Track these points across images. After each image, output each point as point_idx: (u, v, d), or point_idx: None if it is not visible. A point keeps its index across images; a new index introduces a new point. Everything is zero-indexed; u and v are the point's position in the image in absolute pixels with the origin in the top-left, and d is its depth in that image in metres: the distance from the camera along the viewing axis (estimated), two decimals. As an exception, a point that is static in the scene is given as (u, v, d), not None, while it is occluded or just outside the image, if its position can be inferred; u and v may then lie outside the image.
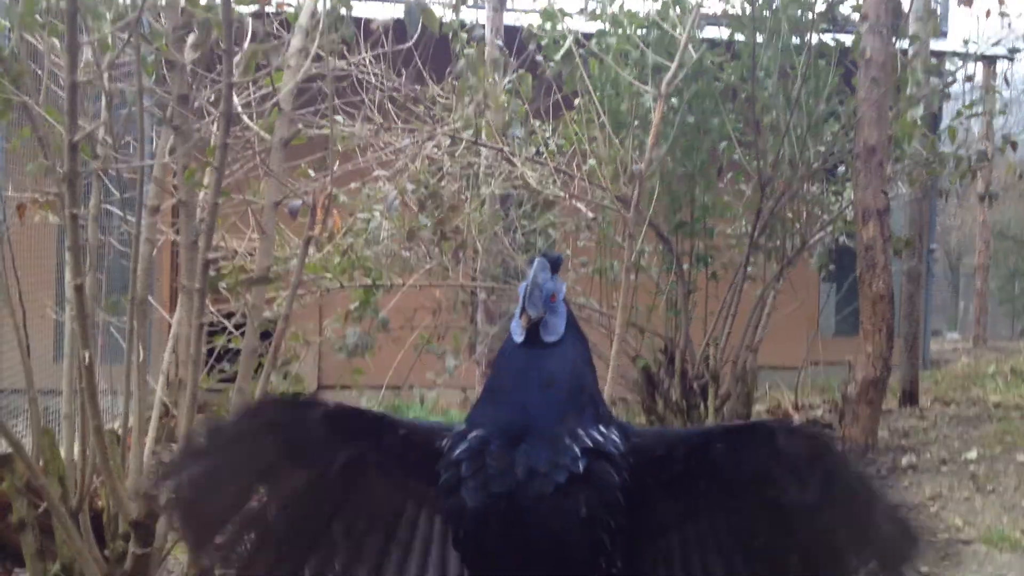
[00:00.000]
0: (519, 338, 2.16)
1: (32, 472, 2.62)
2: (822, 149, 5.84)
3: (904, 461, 5.52)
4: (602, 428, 2.10)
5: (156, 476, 2.73)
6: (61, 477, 2.85)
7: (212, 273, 3.05)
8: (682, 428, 5.46)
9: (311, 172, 3.88)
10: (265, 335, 3.26)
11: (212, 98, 3.26)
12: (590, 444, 2.05)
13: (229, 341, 4.92)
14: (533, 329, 2.15)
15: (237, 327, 4.69)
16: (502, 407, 2.13)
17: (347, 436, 2.25)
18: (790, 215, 6.20)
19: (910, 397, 8.34)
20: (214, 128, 3.03)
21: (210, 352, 5.04)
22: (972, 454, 5.65)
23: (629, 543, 2.14)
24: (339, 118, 4.41)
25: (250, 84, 3.53)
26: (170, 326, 3.54)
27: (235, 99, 3.11)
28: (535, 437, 2.06)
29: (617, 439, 2.10)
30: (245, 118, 3.27)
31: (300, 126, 3.27)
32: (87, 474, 2.85)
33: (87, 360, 2.44)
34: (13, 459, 2.76)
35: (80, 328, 2.48)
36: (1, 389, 5.57)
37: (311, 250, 4.81)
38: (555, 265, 2.20)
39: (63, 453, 2.95)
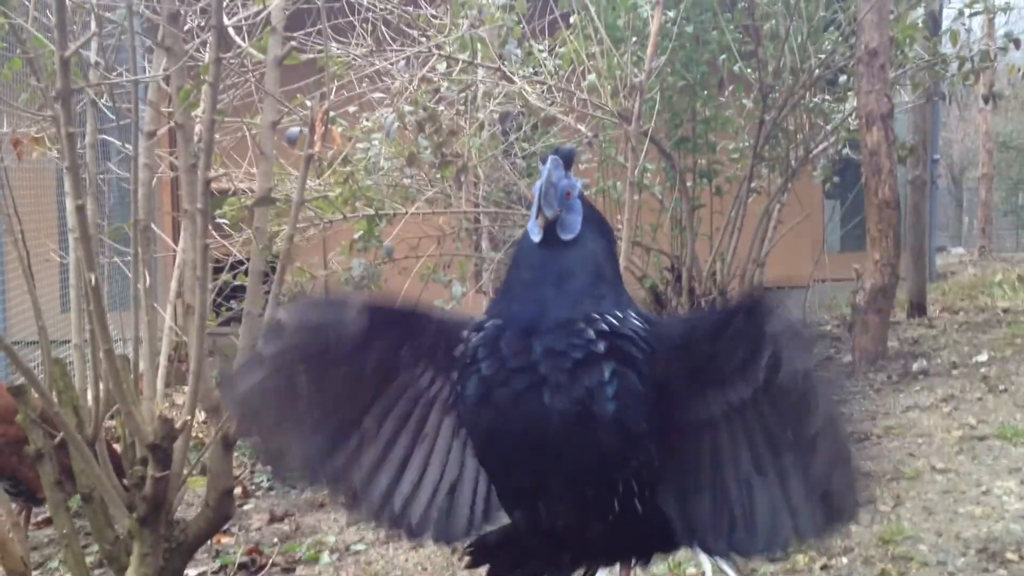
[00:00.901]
0: (536, 237, 2.14)
1: (46, 401, 2.60)
2: (823, 57, 5.75)
3: (915, 367, 5.52)
4: (619, 313, 2.06)
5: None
6: (75, 407, 2.84)
7: (212, 197, 3.01)
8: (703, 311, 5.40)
9: (307, 102, 3.83)
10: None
11: (202, 24, 3.21)
12: (606, 328, 2.01)
13: (235, 278, 4.91)
14: (550, 228, 2.13)
15: (242, 263, 4.68)
16: (519, 301, 2.11)
17: (384, 329, 2.25)
18: (792, 127, 6.14)
19: (918, 308, 8.33)
20: (206, 48, 2.97)
21: (218, 292, 5.04)
22: (983, 357, 5.65)
23: (655, 436, 2.13)
24: (332, 45, 4.35)
25: (240, 6, 3.48)
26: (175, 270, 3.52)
27: (225, 18, 3.05)
28: (552, 324, 2.03)
29: (638, 323, 2.06)
30: (237, 39, 3.22)
31: (293, 43, 3.21)
32: (101, 402, 2.84)
33: (93, 282, 2.42)
34: (27, 391, 2.75)
35: (84, 251, 2.45)
36: (15, 341, 5.58)
37: (313, 182, 4.78)
38: (568, 161, 2.17)
39: (76, 384, 2.94)
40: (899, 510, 3.23)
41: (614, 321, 2.03)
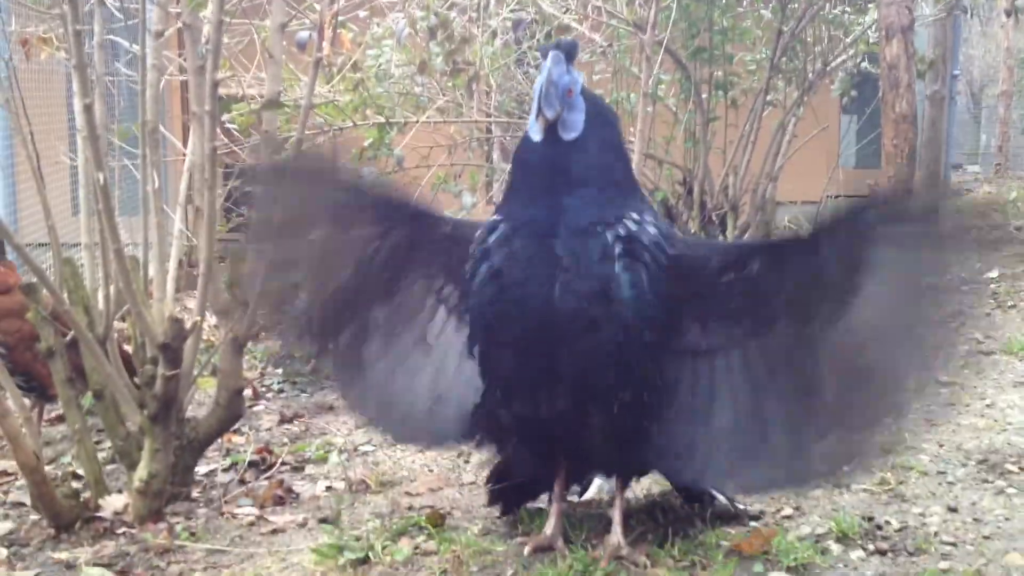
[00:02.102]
0: (537, 137, 2.13)
1: (57, 299, 2.63)
2: (844, -35, 5.64)
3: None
4: (635, 215, 2.08)
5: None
6: (86, 306, 2.87)
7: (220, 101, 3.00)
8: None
9: (316, 5, 3.79)
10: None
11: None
12: (623, 232, 2.04)
13: (246, 184, 4.90)
14: (551, 128, 2.11)
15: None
16: (531, 205, 2.11)
17: (401, 220, 2.27)
18: (811, 38, 6.04)
19: (931, 225, 8.27)
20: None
21: (227, 197, 5.04)
22: (993, 273, 5.63)
23: (663, 347, 2.14)
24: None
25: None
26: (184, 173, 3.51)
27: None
28: (566, 229, 2.06)
29: (653, 230, 2.08)
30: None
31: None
32: (112, 301, 2.86)
33: (102, 181, 2.43)
34: (37, 289, 2.77)
35: (92, 151, 2.46)
36: (26, 244, 5.61)
37: (322, 87, 4.74)
38: (570, 54, 2.12)
39: (87, 285, 2.96)
40: (900, 421, 3.26)
41: (631, 225, 2.06)
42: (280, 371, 4.70)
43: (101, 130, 2.61)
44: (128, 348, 3.17)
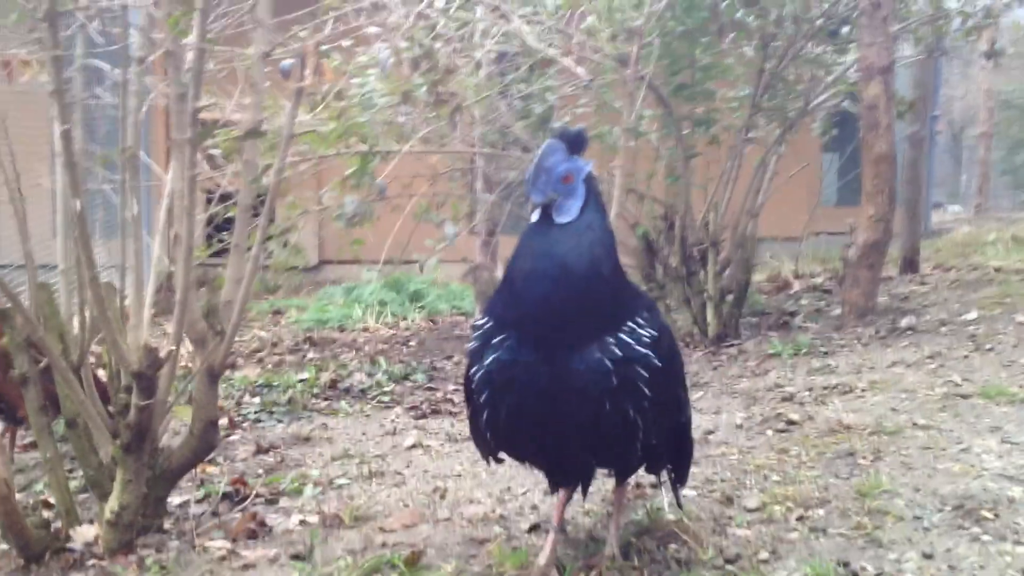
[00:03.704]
0: (532, 217, 2.26)
1: (31, 326, 2.60)
2: (826, 6, 5.69)
3: (903, 323, 5.54)
4: (629, 325, 2.24)
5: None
6: (61, 333, 2.84)
7: (202, 127, 2.98)
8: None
9: (301, 34, 3.78)
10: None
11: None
12: (620, 354, 2.19)
13: (226, 210, 4.88)
14: (545, 212, 2.24)
15: (232, 196, 4.65)
16: (523, 303, 2.23)
17: None
18: (792, 77, 6.08)
19: (910, 264, 8.34)
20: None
21: (208, 222, 5.02)
22: (972, 315, 5.66)
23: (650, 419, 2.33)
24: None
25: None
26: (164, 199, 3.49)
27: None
28: (563, 349, 2.19)
29: (647, 333, 2.26)
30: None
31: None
32: (87, 329, 2.84)
33: (79, 208, 2.41)
34: (12, 314, 2.74)
35: (70, 177, 2.43)
36: (2, 265, 5.56)
37: (306, 116, 4.73)
38: (574, 144, 2.25)
39: (63, 311, 2.93)
40: (878, 464, 3.25)
41: (628, 339, 2.23)
42: (257, 400, 4.67)
43: (79, 157, 2.59)
44: (103, 374, 3.13)
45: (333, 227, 5.78)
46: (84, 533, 2.77)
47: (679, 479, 2.70)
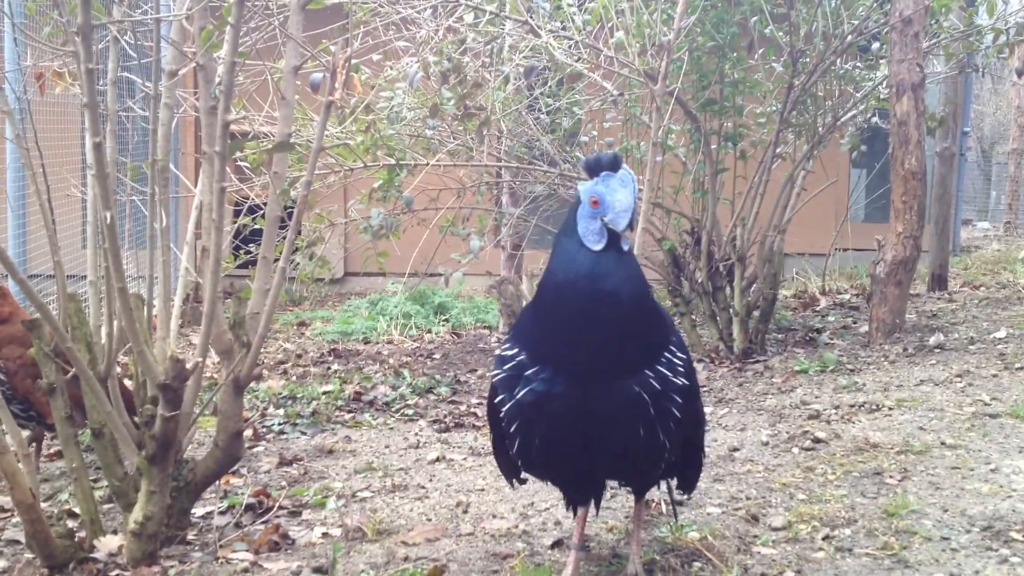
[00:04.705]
0: (597, 245, 2.21)
1: (59, 336, 2.62)
2: (856, 22, 5.66)
3: (932, 341, 5.48)
4: (666, 356, 2.25)
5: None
6: (89, 343, 2.86)
7: (232, 139, 3.00)
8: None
9: (331, 48, 3.81)
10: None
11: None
12: (658, 387, 2.21)
13: (254, 221, 4.92)
14: (614, 238, 2.20)
15: (260, 208, 4.68)
16: (569, 339, 2.18)
17: None
18: (822, 93, 6.06)
19: (939, 281, 8.27)
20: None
21: (236, 235, 5.06)
22: (1001, 333, 5.61)
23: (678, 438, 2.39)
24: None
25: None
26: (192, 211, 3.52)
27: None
28: (601, 383, 2.19)
29: (680, 361, 2.28)
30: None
31: (318, -13, 3.17)
32: (114, 339, 2.85)
33: (108, 220, 2.42)
34: (41, 324, 2.76)
35: (100, 188, 2.45)
36: (35, 275, 5.63)
37: (334, 129, 4.77)
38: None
39: (91, 321, 2.95)
40: (905, 483, 3.22)
41: (666, 372, 2.24)
42: (281, 411, 4.68)
43: (110, 168, 2.61)
44: (129, 383, 3.15)
45: (359, 239, 5.81)
46: (108, 543, 2.78)
47: (687, 488, 2.75)
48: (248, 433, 4.10)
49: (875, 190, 9.50)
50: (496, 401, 2.35)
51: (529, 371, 2.21)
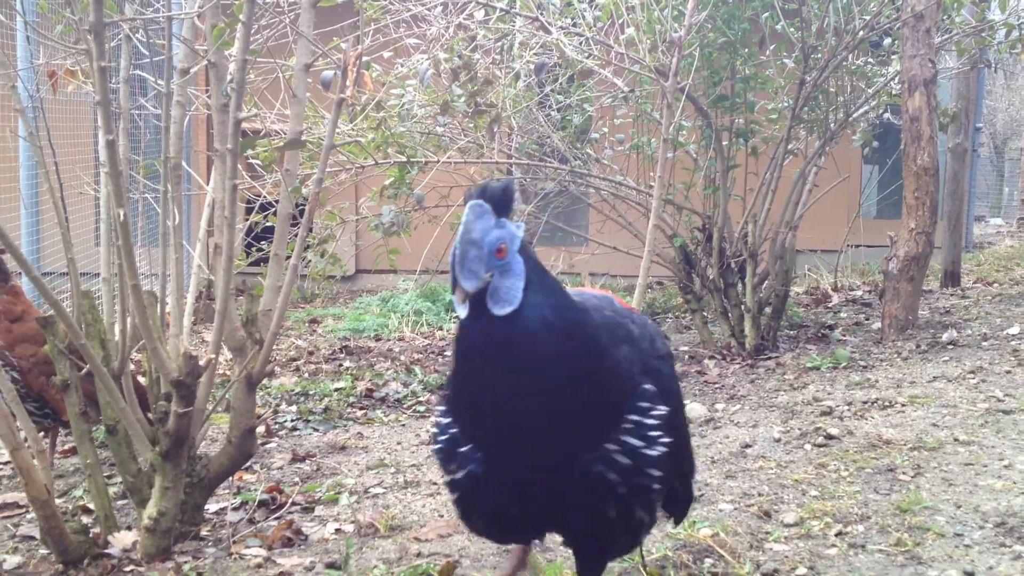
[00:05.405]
0: (462, 312, 1.69)
1: (73, 333, 2.63)
2: (868, 18, 5.64)
3: (945, 337, 5.47)
4: (633, 418, 1.80)
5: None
6: (102, 340, 2.88)
7: (244, 137, 3.01)
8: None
9: (342, 45, 3.82)
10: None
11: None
12: (627, 462, 1.78)
13: (266, 219, 4.93)
14: (477, 301, 1.68)
15: (272, 205, 4.69)
16: (486, 429, 1.78)
17: None
18: (833, 88, 6.04)
19: (952, 278, 8.23)
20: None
21: (248, 232, 5.07)
22: (1014, 330, 5.59)
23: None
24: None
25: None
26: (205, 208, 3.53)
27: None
28: (550, 465, 1.77)
29: (654, 416, 1.83)
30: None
31: (330, -15, 3.18)
32: (128, 336, 2.87)
33: (122, 217, 2.43)
34: (55, 321, 2.78)
35: (113, 186, 2.46)
36: (48, 272, 5.65)
37: (345, 126, 4.77)
38: (500, 204, 1.70)
39: (104, 318, 2.97)
40: (919, 480, 3.22)
41: (632, 441, 1.80)
42: (294, 408, 4.70)
43: (123, 166, 2.62)
44: (143, 380, 3.17)
45: (370, 237, 5.82)
46: (122, 539, 2.80)
47: (676, 519, 2.39)
48: (261, 430, 4.11)
49: (887, 186, 9.46)
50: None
51: (463, 448, 1.82)
